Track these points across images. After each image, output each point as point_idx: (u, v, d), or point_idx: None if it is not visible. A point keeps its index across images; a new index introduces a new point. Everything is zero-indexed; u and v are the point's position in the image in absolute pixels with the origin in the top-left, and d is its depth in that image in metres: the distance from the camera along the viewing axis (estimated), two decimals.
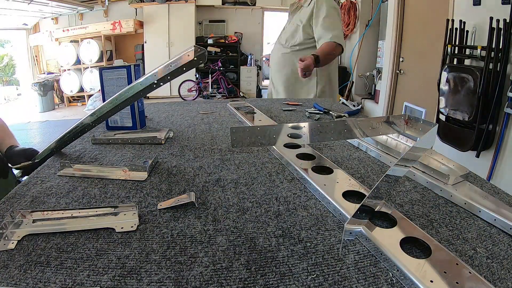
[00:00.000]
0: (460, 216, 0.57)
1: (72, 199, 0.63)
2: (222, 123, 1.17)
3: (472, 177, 0.72)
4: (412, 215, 0.58)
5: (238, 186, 0.68)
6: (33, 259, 0.46)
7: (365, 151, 0.88)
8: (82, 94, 7.09)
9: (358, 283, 0.42)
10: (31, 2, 5.51)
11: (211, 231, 0.53)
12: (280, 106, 1.44)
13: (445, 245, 0.49)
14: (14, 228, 0.52)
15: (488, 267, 0.45)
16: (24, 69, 7.39)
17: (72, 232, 0.52)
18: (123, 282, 0.42)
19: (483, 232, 0.53)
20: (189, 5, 7.11)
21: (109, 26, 6.96)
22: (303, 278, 0.43)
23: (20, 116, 6.22)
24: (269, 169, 0.77)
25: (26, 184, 0.69)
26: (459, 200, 0.61)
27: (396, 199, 0.63)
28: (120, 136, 0.97)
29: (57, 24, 7.21)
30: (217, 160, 0.82)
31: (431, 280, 0.40)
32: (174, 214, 0.58)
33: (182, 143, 0.95)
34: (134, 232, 0.52)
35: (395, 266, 0.43)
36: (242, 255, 0.47)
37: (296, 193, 0.65)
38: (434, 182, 0.66)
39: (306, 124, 0.67)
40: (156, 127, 1.11)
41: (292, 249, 0.48)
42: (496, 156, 2.24)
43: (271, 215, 0.57)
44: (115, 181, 0.70)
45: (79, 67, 7.00)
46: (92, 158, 0.84)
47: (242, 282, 0.42)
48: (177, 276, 0.43)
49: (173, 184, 0.69)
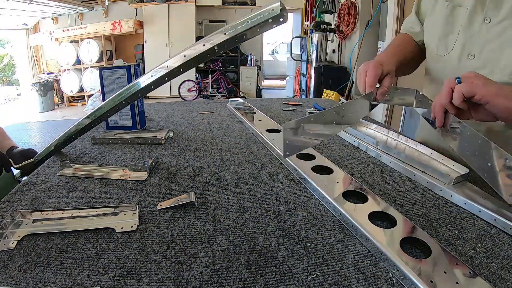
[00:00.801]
0: (460, 216, 0.57)
1: (72, 199, 0.63)
2: (222, 123, 1.17)
3: (472, 177, 0.72)
4: (412, 215, 0.58)
5: (238, 186, 0.68)
6: (33, 259, 0.46)
7: (365, 151, 0.88)
8: (82, 94, 7.10)
9: (358, 283, 0.42)
10: (31, 2, 5.51)
11: (211, 231, 0.53)
12: (280, 106, 1.44)
13: (445, 245, 0.49)
14: (14, 228, 0.52)
15: (488, 267, 0.45)
16: (24, 69, 7.40)
17: (72, 232, 0.52)
18: (123, 282, 0.42)
19: (483, 232, 0.53)
20: (189, 5, 7.12)
21: (109, 26, 6.96)
22: (303, 278, 0.43)
23: (20, 116, 6.22)
24: (269, 169, 0.77)
25: (26, 184, 0.69)
26: (459, 200, 0.61)
27: (396, 199, 0.63)
28: (120, 136, 0.97)
29: (57, 24, 7.21)
30: (217, 160, 0.82)
31: (431, 280, 0.40)
32: (174, 214, 0.58)
33: (182, 143, 0.95)
34: (134, 232, 0.52)
35: (395, 266, 0.43)
36: (242, 255, 0.47)
37: (296, 193, 0.65)
38: (434, 182, 0.66)
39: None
40: (156, 127, 1.11)
41: (292, 249, 0.48)
42: None
43: (271, 215, 0.57)
44: (115, 181, 0.70)
45: (79, 67, 7.01)
46: (92, 158, 0.84)
47: (242, 282, 0.42)
48: (177, 276, 0.43)
49: (173, 184, 0.69)
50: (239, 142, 0.95)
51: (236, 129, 1.09)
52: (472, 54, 0.78)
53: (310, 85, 5.39)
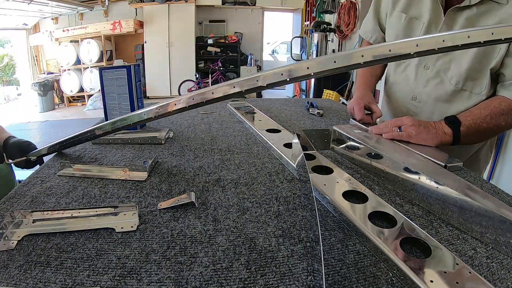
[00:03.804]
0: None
1: (72, 199, 0.63)
2: (222, 123, 1.17)
3: (472, 177, 0.72)
4: (412, 215, 0.58)
5: (238, 186, 0.68)
6: (33, 259, 0.46)
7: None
8: (82, 94, 7.09)
9: (358, 283, 0.42)
10: (31, 2, 5.51)
11: (211, 231, 0.53)
12: (280, 106, 1.44)
13: (445, 245, 0.49)
14: (14, 228, 0.52)
15: (488, 267, 0.45)
16: (24, 69, 7.39)
17: (72, 232, 0.52)
18: (123, 282, 0.42)
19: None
20: (189, 5, 7.12)
21: (109, 26, 6.96)
22: (303, 278, 0.43)
23: (20, 116, 6.22)
24: (269, 169, 0.77)
25: (26, 184, 0.69)
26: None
27: (396, 199, 0.63)
28: (120, 136, 0.97)
29: (57, 24, 7.21)
30: (217, 160, 0.82)
31: (431, 280, 0.40)
32: (174, 214, 0.58)
33: (182, 143, 0.95)
34: (134, 232, 0.52)
35: (395, 266, 0.43)
36: (242, 255, 0.47)
37: (296, 193, 0.65)
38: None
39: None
40: (156, 127, 1.11)
41: (292, 249, 0.48)
42: (496, 156, 2.24)
43: (271, 215, 0.57)
44: (115, 181, 0.70)
45: (79, 67, 7.00)
46: (92, 158, 0.84)
47: (242, 282, 0.42)
48: (177, 276, 0.43)
49: (173, 184, 0.69)
50: (239, 142, 0.95)
51: (236, 129, 1.09)
52: (427, 66, 0.95)
53: (310, 85, 5.39)
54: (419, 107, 0.99)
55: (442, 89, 0.93)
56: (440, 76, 0.93)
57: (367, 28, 1.16)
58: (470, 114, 0.85)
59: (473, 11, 0.83)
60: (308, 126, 1.11)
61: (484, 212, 0.51)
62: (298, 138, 0.76)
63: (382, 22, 1.10)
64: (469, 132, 0.83)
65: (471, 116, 0.84)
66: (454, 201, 0.55)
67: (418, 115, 0.99)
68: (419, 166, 0.66)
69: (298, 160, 0.73)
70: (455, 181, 0.60)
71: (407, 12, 0.96)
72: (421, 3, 0.93)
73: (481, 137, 0.91)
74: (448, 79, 0.91)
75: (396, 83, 1.08)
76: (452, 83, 0.91)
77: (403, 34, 0.98)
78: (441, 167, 0.71)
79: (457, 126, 0.82)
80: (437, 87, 0.94)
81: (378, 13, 1.11)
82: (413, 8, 0.95)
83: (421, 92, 0.97)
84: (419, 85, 0.97)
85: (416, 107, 1.00)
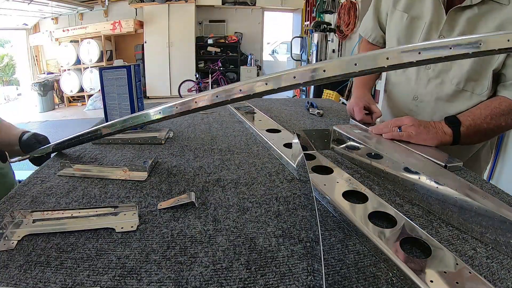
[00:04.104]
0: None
1: (72, 199, 0.63)
2: (222, 123, 1.17)
3: (472, 177, 0.72)
4: (412, 215, 0.58)
5: (238, 186, 0.68)
6: (33, 259, 0.46)
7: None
8: (82, 94, 7.09)
9: (358, 283, 0.42)
10: (31, 2, 5.51)
11: (211, 231, 0.53)
12: (280, 106, 1.44)
13: (445, 245, 0.49)
14: (14, 228, 0.52)
15: (488, 267, 0.45)
16: (24, 69, 7.38)
17: (72, 232, 0.52)
18: (123, 282, 0.42)
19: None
20: (189, 5, 7.11)
21: (109, 26, 6.96)
22: (303, 278, 0.43)
23: (20, 116, 6.21)
24: (269, 169, 0.77)
25: (26, 184, 0.69)
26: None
27: (396, 199, 0.63)
28: (120, 136, 0.97)
29: (57, 24, 7.20)
30: (217, 160, 0.82)
31: (431, 280, 0.40)
32: (174, 214, 0.58)
33: (182, 143, 0.95)
34: (134, 232, 0.52)
35: (395, 266, 0.43)
36: (242, 255, 0.47)
37: (296, 193, 0.65)
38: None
39: None
40: (156, 127, 1.11)
41: (292, 249, 0.48)
42: (496, 156, 2.24)
43: (271, 215, 0.57)
44: (115, 181, 0.70)
45: (79, 67, 7.00)
46: (92, 158, 0.84)
47: (242, 282, 0.42)
48: (177, 276, 0.43)
49: (173, 184, 0.69)
50: (239, 142, 0.95)
51: (236, 129, 1.09)
52: (429, 66, 0.94)
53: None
54: (420, 107, 1.00)
55: (443, 90, 0.93)
56: (441, 77, 0.93)
57: (367, 27, 1.16)
58: (470, 114, 0.85)
59: (474, 11, 0.83)
60: (308, 126, 1.11)
61: (484, 212, 0.51)
62: (298, 138, 0.76)
63: (382, 21, 1.10)
64: (469, 132, 0.83)
65: (471, 116, 0.84)
66: (454, 201, 0.55)
67: (419, 115, 0.99)
68: (419, 166, 0.66)
69: (298, 160, 0.73)
70: (455, 181, 0.60)
71: (409, 11, 0.96)
72: (422, 3, 0.93)
73: (481, 137, 0.91)
74: (449, 80, 0.91)
75: (397, 83, 1.08)
76: (453, 84, 0.91)
77: (405, 34, 0.98)
78: (441, 167, 0.71)
79: (457, 126, 0.83)
80: (438, 87, 0.94)
81: (378, 12, 1.11)
82: (415, 8, 0.95)
83: (422, 92, 0.97)
84: (420, 85, 0.98)
85: (417, 107, 1.00)
